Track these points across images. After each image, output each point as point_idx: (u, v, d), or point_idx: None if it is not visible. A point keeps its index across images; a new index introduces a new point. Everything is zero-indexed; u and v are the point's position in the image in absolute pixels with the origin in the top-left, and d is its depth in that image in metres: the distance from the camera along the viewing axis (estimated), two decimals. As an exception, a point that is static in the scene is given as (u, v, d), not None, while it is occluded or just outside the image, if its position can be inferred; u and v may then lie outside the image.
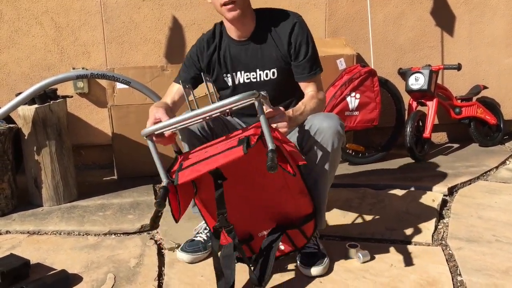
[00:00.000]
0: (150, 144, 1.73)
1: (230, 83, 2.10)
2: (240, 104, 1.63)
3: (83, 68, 3.35)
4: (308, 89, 2.05)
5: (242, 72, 2.06)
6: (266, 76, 2.05)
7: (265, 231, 1.92)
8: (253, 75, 2.06)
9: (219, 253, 1.81)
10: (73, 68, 3.34)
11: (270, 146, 1.54)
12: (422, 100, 3.56)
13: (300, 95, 2.06)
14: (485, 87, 3.89)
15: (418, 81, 3.46)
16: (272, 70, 2.05)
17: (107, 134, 3.43)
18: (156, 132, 1.74)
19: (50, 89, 2.78)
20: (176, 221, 1.71)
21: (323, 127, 1.87)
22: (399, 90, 3.60)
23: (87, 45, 3.35)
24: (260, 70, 2.05)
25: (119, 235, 2.39)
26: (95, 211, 2.65)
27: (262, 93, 1.68)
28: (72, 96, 3.11)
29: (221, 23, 2.08)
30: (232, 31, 2.04)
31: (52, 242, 2.32)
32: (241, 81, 2.07)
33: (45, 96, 2.73)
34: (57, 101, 2.77)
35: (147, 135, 1.74)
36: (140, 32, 3.40)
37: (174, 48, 3.43)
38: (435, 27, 3.81)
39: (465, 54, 3.90)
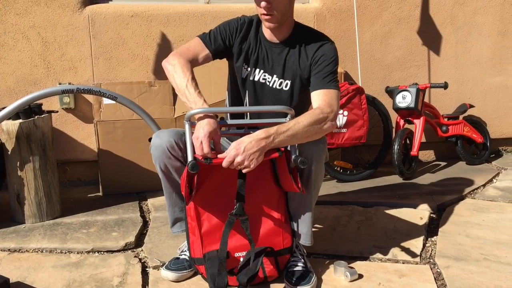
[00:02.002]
0: (187, 128, 1.78)
1: (244, 75, 2.07)
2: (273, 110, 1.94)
3: (69, 83, 3.32)
4: (314, 102, 1.92)
5: (262, 71, 2.05)
6: (279, 85, 2.04)
7: (242, 253, 1.92)
8: (269, 78, 2.05)
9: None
10: (60, 83, 3.31)
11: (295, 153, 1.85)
12: (409, 118, 3.58)
13: None
14: (471, 106, 3.92)
15: (405, 99, 3.48)
16: (286, 82, 2.03)
17: (93, 150, 3.39)
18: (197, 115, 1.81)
19: (35, 104, 2.74)
20: (187, 204, 1.91)
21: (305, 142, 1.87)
22: (386, 108, 3.61)
23: (74, 60, 3.33)
24: (276, 77, 2.04)
25: (102, 253, 2.34)
26: (78, 228, 2.60)
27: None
28: (57, 111, 3.07)
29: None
30: (266, 31, 2.03)
31: (34, 260, 2.25)
32: (256, 79, 2.06)
33: (30, 111, 2.69)
34: (42, 116, 2.73)
35: (189, 118, 1.79)
36: (128, 48, 3.39)
37: (162, 64, 3.41)
38: (422, 46, 3.85)
39: (451, 73, 3.94)
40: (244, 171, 1.73)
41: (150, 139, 1.97)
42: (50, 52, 3.29)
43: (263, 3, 1.88)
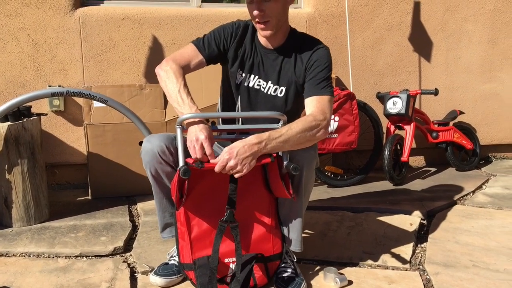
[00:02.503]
0: (178, 132, 1.77)
1: (239, 81, 2.06)
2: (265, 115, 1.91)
3: (59, 86, 3.30)
4: (308, 108, 1.93)
5: (256, 77, 2.05)
6: (274, 92, 2.04)
7: (232, 259, 1.90)
8: (263, 84, 2.04)
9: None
10: (49, 86, 3.28)
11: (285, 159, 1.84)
12: (400, 124, 3.60)
13: None
14: (461, 112, 3.95)
15: (396, 105, 3.49)
16: (281, 88, 2.03)
17: (82, 153, 3.37)
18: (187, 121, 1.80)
19: (24, 107, 2.71)
20: (177, 209, 1.85)
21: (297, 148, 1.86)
22: (377, 113, 3.62)
23: (64, 62, 3.30)
24: (271, 83, 2.04)
25: (90, 257, 2.31)
26: (66, 233, 2.57)
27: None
28: (46, 114, 3.05)
29: None
30: (261, 37, 2.03)
31: (21, 265, 2.23)
32: (251, 85, 2.05)
33: (19, 113, 2.66)
34: (31, 118, 2.70)
35: (180, 123, 1.78)
36: (119, 51, 3.37)
37: (153, 67, 3.37)
38: (413, 52, 3.87)
39: (442, 79, 3.96)
40: (236, 175, 1.72)
41: (140, 143, 1.96)
42: (40, 54, 3.26)
43: (255, 12, 1.88)
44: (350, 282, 2.03)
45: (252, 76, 2.05)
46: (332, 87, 1.98)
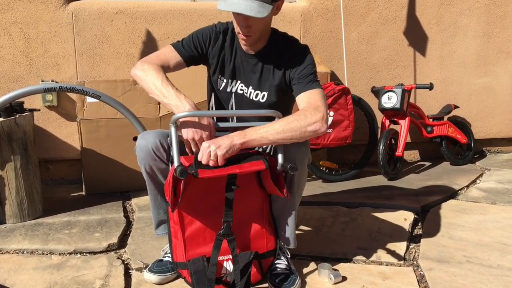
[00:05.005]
0: (173, 131, 1.75)
1: (220, 87, 2.05)
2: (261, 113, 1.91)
3: (52, 81, 3.27)
4: (300, 106, 1.89)
5: (239, 82, 2.03)
6: (256, 97, 2.02)
7: (226, 256, 1.90)
8: (245, 89, 2.03)
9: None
10: (42, 81, 3.25)
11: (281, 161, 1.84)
12: (395, 119, 3.59)
13: None
14: (456, 107, 3.95)
15: (391, 100, 3.49)
16: (263, 93, 2.01)
17: (76, 149, 3.35)
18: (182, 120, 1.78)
19: (17, 102, 2.69)
20: (173, 210, 1.84)
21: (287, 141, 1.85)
22: (372, 108, 3.62)
23: (57, 57, 3.27)
24: (252, 88, 2.02)
25: (84, 254, 2.31)
26: (60, 229, 2.56)
27: None
28: (39, 110, 3.02)
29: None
30: (242, 43, 2.00)
31: (14, 262, 2.22)
32: (234, 90, 2.04)
33: (11, 109, 2.64)
34: (24, 114, 2.68)
35: (175, 121, 1.76)
36: (112, 45, 3.34)
37: (147, 62, 3.37)
38: (408, 47, 3.86)
39: (436, 73, 3.96)
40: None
41: (134, 138, 1.95)
42: (32, 48, 3.23)
43: (241, 26, 1.86)
44: (344, 278, 2.04)
45: (235, 81, 2.04)
46: (319, 81, 1.95)
